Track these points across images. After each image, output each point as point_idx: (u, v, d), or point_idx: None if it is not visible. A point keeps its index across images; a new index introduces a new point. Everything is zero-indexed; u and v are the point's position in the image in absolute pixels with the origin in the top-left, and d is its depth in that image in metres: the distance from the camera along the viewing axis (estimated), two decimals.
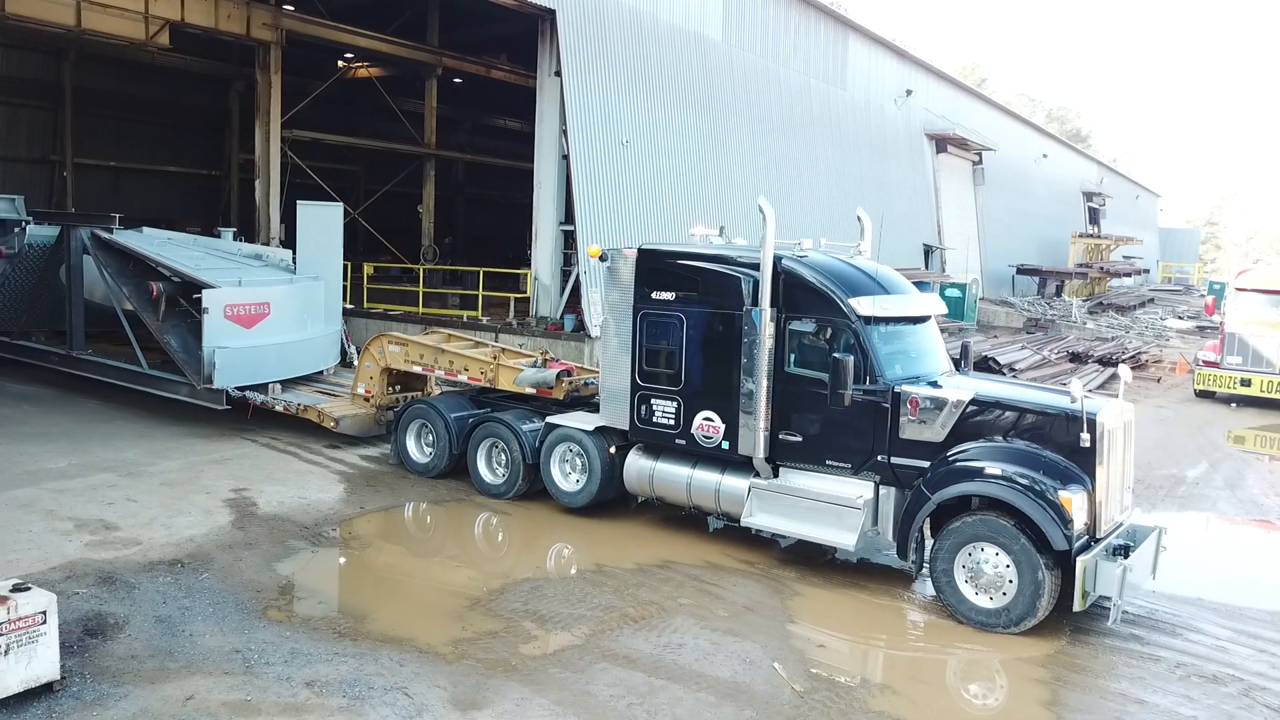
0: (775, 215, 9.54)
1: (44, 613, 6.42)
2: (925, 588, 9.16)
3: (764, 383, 9.41)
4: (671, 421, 10.17)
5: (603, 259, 10.62)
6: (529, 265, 20.88)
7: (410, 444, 12.26)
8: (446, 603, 8.68)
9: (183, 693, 6.62)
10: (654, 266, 10.28)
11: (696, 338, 9.99)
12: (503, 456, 11.40)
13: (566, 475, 11.01)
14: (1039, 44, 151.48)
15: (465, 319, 21.16)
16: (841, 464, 9.32)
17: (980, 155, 41.08)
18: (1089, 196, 60.28)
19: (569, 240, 19.69)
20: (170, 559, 9.09)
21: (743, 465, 9.78)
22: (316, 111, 27.85)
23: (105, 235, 15.50)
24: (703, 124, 22.97)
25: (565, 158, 19.26)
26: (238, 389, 13.75)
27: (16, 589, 6.47)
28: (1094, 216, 61.36)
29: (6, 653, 6.22)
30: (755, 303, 9.48)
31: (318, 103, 27.68)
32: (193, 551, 9.33)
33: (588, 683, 7.09)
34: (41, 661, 6.41)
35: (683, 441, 10.12)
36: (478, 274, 22.35)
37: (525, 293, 21.27)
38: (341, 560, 9.76)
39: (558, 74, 18.98)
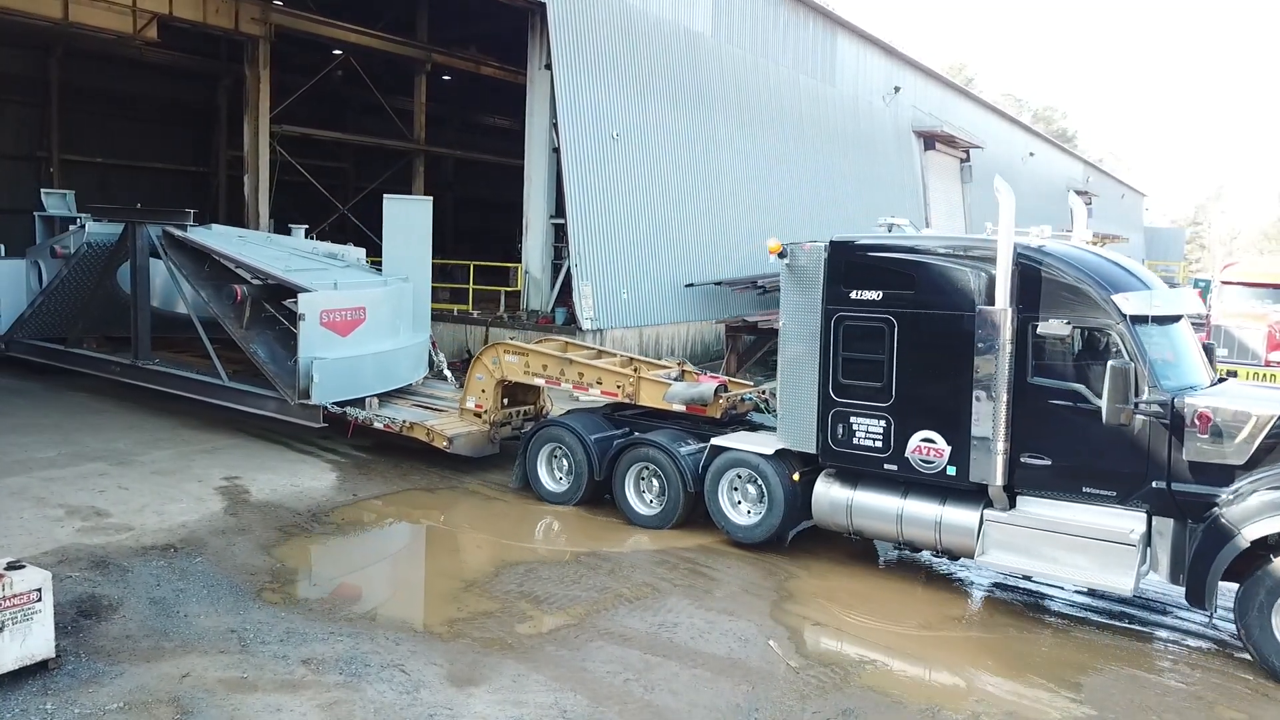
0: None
1: (39, 590, 6.41)
2: (915, 568, 9.21)
3: (1003, 396, 8.08)
4: (879, 443, 8.82)
5: (782, 255, 9.27)
6: (519, 260, 20.90)
7: (542, 470, 11.06)
8: (441, 585, 8.70)
9: (179, 670, 6.61)
10: (852, 261, 8.99)
11: (911, 344, 8.64)
12: (654, 484, 10.24)
13: (736, 505, 9.72)
14: (1025, 45, 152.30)
15: (456, 313, 21.15)
16: (1104, 491, 7.95)
17: (968, 153, 41.27)
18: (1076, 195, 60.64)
19: (560, 233, 19.72)
20: (163, 544, 9.07)
21: (968, 494, 8.49)
22: (305, 108, 27.77)
23: (179, 234, 14.31)
24: (692, 118, 23.03)
25: (556, 151, 19.29)
26: (336, 404, 12.49)
27: (11, 567, 6.45)
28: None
29: (1, 630, 6.20)
30: (990, 301, 8.18)
31: (306, 99, 27.61)
32: (185, 537, 9.31)
33: (584, 660, 7.11)
34: (37, 639, 6.40)
35: (893, 466, 8.77)
36: (468, 268, 22.33)
37: (516, 287, 21.28)
38: (335, 545, 9.73)
39: (548, 67, 19.04)
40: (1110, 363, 7.63)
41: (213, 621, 7.43)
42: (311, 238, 17.91)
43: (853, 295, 8.94)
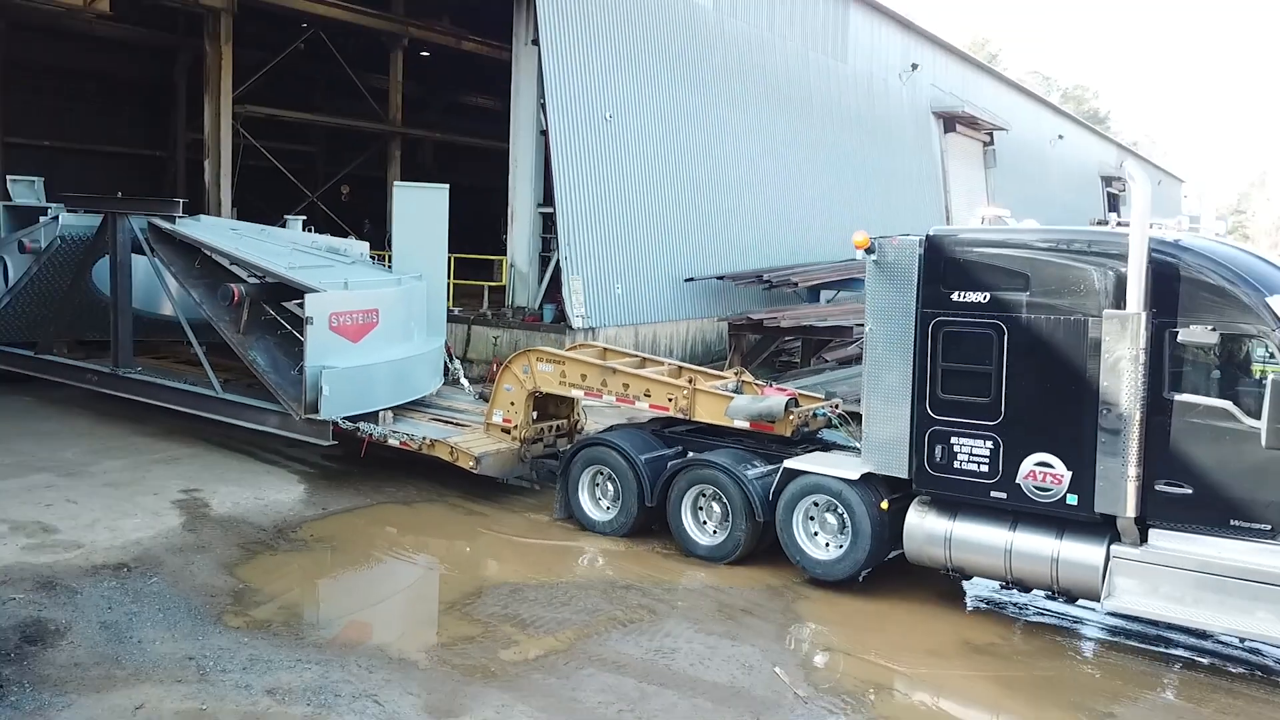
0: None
1: None
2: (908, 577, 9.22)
3: (1136, 414, 7.65)
4: (985, 468, 8.35)
5: (870, 251, 8.77)
6: (503, 252, 20.88)
7: (584, 496, 10.64)
8: (418, 607, 8.73)
9: (132, 701, 6.60)
10: (953, 258, 8.52)
11: (1025, 353, 8.19)
12: (715, 509, 9.78)
13: (813, 537, 9.25)
14: (1053, 19, 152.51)
15: None
16: (1256, 525, 7.46)
17: (991, 135, 41.28)
18: (1108, 181, 60.70)
19: (548, 223, 19.70)
20: (115, 562, 9.06)
21: (1089, 526, 8.09)
22: (270, 87, 27.71)
23: (167, 226, 13.81)
24: (692, 99, 23.02)
25: (544, 134, 19.28)
26: (346, 419, 11.91)
27: None
28: (1113, 203, 61.80)
29: None
30: (1119, 304, 7.74)
31: (272, 77, 27.55)
32: (140, 555, 9.30)
33: (574, 689, 7.11)
34: None
35: (1002, 494, 8.30)
36: (448, 261, 22.25)
37: (500, 281, 21.26)
38: (303, 563, 9.70)
39: (535, 43, 19.01)
40: (1272, 377, 7.21)
41: (169, 648, 7.41)
42: (308, 230, 17.51)
43: (954, 297, 8.48)
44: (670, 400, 10.55)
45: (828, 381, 16.32)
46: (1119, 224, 8.25)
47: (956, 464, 8.51)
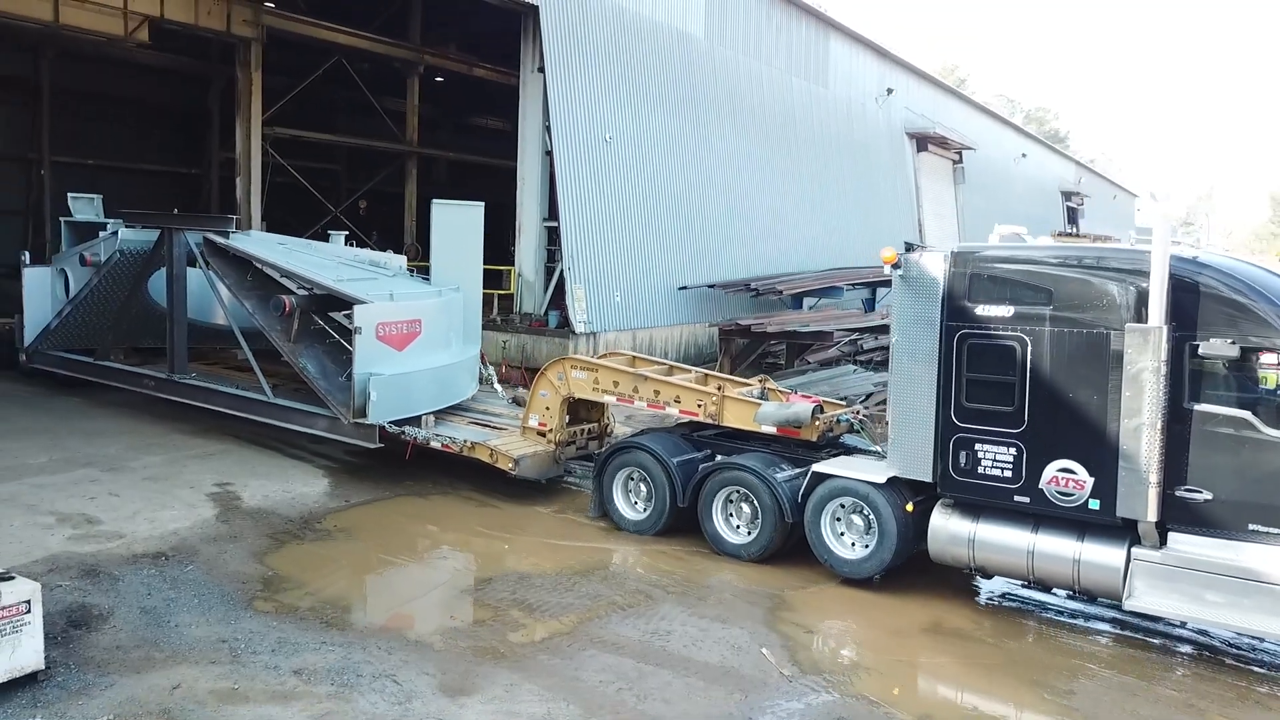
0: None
1: (28, 602, 6.38)
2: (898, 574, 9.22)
3: (1157, 423, 7.45)
4: (1008, 473, 8.15)
5: (896, 266, 8.58)
6: (512, 263, 20.88)
7: (618, 496, 10.41)
8: (433, 593, 8.69)
9: (169, 681, 6.58)
10: (978, 273, 8.32)
11: (1048, 364, 7.98)
12: (745, 509, 9.55)
13: (840, 537, 9.01)
14: (1017, 46, 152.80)
15: None
16: (1275, 529, 7.30)
17: (960, 154, 41.29)
18: (1067, 196, 60.73)
19: (553, 236, 19.70)
20: (154, 551, 9.04)
21: (1109, 529, 7.89)
22: (297, 110, 27.68)
23: (221, 241, 13.67)
24: (685, 121, 23.02)
25: (549, 154, 19.27)
26: (392, 423, 11.77)
27: (0, 578, 6.41)
28: (1072, 216, 61.80)
29: None
30: (1140, 318, 7.55)
31: (298, 101, 27.51)
32: (177, 544, 9.28)
33: (577, 669, 7.11)
34: (26, 651, 6.37)
35: (1025, 499, 8.11)
36: None
37: (509, 289, 21.25)
38: (327, 552, 9.67)
39: (540, 70, 19.00)
40: None
41: (204, 631, 7.40)
42: (350, 244, 17.31)
43: (978, 311, 8.27)
44: (699, 406, 10.29)
45: (810, 381, 16.33)
46: (1137, 241, 8.13)
47: (980, 469, 8.31)
